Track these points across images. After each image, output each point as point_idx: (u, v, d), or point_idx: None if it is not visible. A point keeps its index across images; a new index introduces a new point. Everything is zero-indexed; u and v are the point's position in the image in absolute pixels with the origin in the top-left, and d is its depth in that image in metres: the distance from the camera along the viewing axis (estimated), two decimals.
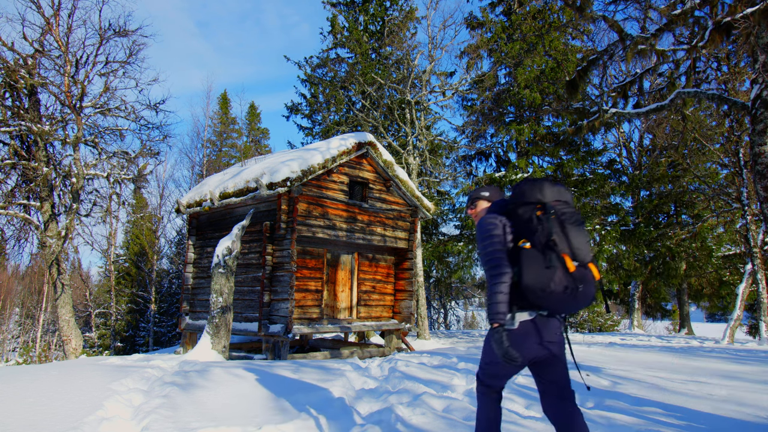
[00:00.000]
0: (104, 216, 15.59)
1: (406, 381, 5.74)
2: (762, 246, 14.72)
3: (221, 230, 11.10)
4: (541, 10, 17.38)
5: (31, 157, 13.45)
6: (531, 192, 2.53)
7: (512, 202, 2.60)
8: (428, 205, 12.15)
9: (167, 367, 6.47)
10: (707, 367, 6.91)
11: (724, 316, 20.74)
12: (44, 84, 13.28)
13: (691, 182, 20.27)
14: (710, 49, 7.07)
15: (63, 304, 13.58)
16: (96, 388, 4.79)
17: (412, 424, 4.06)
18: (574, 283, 2.35)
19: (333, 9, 21.16)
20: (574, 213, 2.51)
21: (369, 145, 10.85)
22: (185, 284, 12.01)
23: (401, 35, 19.01)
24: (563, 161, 17.21)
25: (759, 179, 6.60)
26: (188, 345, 11.68)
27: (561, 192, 2.55)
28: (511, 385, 5.51)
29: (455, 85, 17.94)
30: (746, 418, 4.19)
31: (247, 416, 4.21)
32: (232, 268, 8.52)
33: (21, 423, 3.76)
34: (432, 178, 19.48)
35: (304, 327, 9.75)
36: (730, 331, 14.39)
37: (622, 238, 17.41)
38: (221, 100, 32.73)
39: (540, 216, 2.46)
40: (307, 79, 21.38)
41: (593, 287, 2.42)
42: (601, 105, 8.67)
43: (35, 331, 31.66)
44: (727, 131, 15.68)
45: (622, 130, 23.17)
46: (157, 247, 25.16)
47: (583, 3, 8.11)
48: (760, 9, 6.09)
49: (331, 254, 10.82)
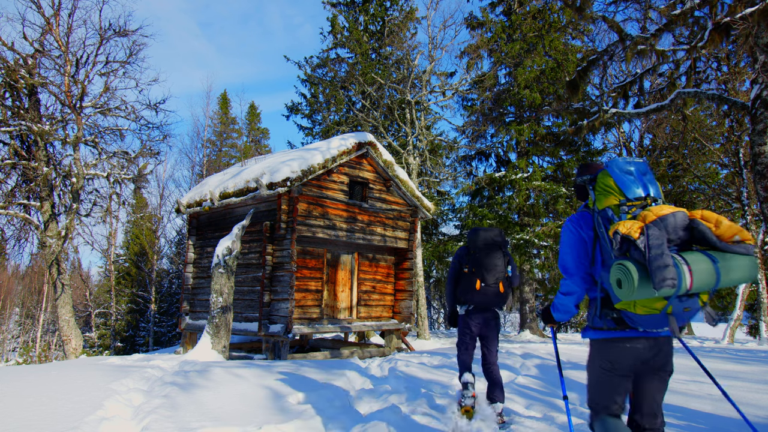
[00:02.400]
0: (104, 216, 15.59)
1: (406, 381, 5.74)
2: (762, 246, 14.72)
3: (221, 230, 11.10)
4: (541, 10, 17.38)
5: (31, 157, 13.45)
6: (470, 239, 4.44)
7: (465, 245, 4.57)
8: (428, 205, 12.15)
9: (167, 367, 6.47)
10: (707, 366, 6.91)
11: (724, 316, 20.78)
12: (44, 84, 13.28)
13: (691, 182, 20.27)
14: (710, 49, 7.07)
15: (63, 304, 13.58)
16: (96, 388, 4.79)
17: (412, 424, 4.06)
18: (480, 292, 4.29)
19: (333, 9, 21.17)
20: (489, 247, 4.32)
21: (369, 145, 10.85)
22: (185, 284, 12.01)
23: (401, 35, 19.01)
24: (563, 161, 17.20)
25: (759, 179, 6.60)
26: (188, 345, 11.68)
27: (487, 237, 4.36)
28: (511, 385, 5.54)
29: (455, 85, 17.95)
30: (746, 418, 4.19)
31: (247, 416, 4.21)
32: (232, 268, 8.52)
33: (21, 423, 3.76)
34: (432, 178, 19.48)
35: (304, 327, 9.75)
36: (730, 331, 14.39)
37: None
38: (221, 100, 32.73)
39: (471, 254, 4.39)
40: (308, 79, 21.39)
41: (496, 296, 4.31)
42: (601, 105, 8.67)
43: (35, 331, 31.67)
44: (727, 131, 15.68)
45: (622, 130, 23.16)
46: (157, 247, 25.17)
47: (583, 3, 8.11)
48: (759, 9, 6.09)
49: (331, 254, 10.82)
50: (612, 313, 2.29)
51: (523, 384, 5.75)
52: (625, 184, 2.30)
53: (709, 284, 2.01)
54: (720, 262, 2.02)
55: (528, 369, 6.54)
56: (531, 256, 16.56)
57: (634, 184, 2.29)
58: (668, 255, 1.96)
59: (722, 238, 2.08)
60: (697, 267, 1.99)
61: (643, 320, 2.15)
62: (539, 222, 16.64)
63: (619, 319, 2.28)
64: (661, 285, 1.92)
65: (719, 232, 2.09)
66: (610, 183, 2.33)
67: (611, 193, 2.32)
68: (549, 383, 5.88)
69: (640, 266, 2.00)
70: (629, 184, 2.29)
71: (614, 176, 2.33)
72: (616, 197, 2.30)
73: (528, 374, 6.30)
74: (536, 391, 5.44)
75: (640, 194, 2.27)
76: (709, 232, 2.09)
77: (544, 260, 16.39)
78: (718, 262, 2.02)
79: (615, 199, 2.31)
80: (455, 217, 21.16)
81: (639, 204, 2.25)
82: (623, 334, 2.28)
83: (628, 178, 2.31)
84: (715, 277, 2.01)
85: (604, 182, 2.36)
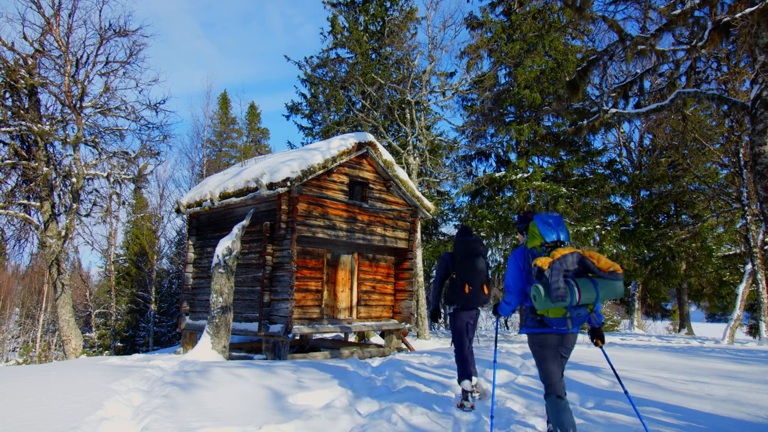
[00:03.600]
0: (104, 216, 15.59)
1: (406, 381, 5.74)
2: (762, 246, 14.72)
3: (221, 230, 11.10)
4: (541, 10, 17.37)
5: (31, 157, 13.45)
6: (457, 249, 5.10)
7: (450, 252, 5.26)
8: (428, 205, 12.15)
9: (167, 367, 6.47)
10: (707, 367, 6.91)
11: (724, 316, 20.79)
12: (44, 84, 13.28)
13: (691, 182, 20.27)
14: (710, 49, 7.07)
15: (63, 304, 13.58)
16: (96, 388, 4.79)
17: (412, 424, 4.07)
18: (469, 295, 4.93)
19: (333, 9, 21.17)
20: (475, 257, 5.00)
21: (369, 145, 10.85)
22: (185, 284, 12.01)
23: (401, 35, 19.01)
24: (563, 161, 17.20)
25: (759, 179, 6.60)
26: (188, 345, 11.68)
27: (469, 246, 5.06)
28: (511, 385, 5.54)
29: (455, 85, 17.94)
30: (746, 418, 4.19)
31: (247, 416, 4.21)
32: (232, 268, 8.52)
33: (21, 423, 3.76)
34: (432, 178, 19.48)
35: (304, 327, 9.75)
36: (730, 331, 14.39)
37: (622, 238, 17.40)
38: (221, 100, 32.72)
39: (458, 262, 5.04)
40: (308, 79, 21.38)
41: (481, 297, 4.97)
42: (601, 105, 8.67)
43: (35, 331, 31.67)
44: (727, 131, 15.68)
45: (622, 130, 23.17)
46: (157, 247, 25.16)
47: (583, 3, 8.10)
48: (759, 9, 6.09)
49: (331, 254, 10.82)
50: (537, 317, 3.36)
51: (523, 384, 5.75)
52: (544, 231, 3.33)
53: (592, 299, 3.13)
54: (599, 284, 3.14)
55: (528, 369, 6.54)
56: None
57: (551, 232, 3.32)
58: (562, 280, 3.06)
59: (601, 269, 3.17)
60: (584, 288, 3.10)
61: (553, 322, 3.25)
62: None
63: (541, 320, 3.35)
64: (554, 299, 3.05)
65: (599, 266, 3.19)
66: (536, 230, 3.36)
67: (536, 237, 3.34)
68: None
69: (543, 287, 3.10)
70: (547, 232, 3.32)
71: (538, 226, 3.36)
72: (539, 240, 3.33)
73: (528, 374, 6.30)
74: (536, 391, 5.44)
75: (554, 238, 3.31)
76: (593, 265, 3.19)
77: None
78: (598, 285, 3.14)
79: (538, 241, 3.34)
80: (455, 217, 21.16)
81: (552, 245, 3.29)
82: (543, 330, 3.38)
83: (547, 228, 3.34)
84: (595, 294, 3.12)
85: (532, 229, 3.39)
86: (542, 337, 3.38)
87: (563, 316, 3.20)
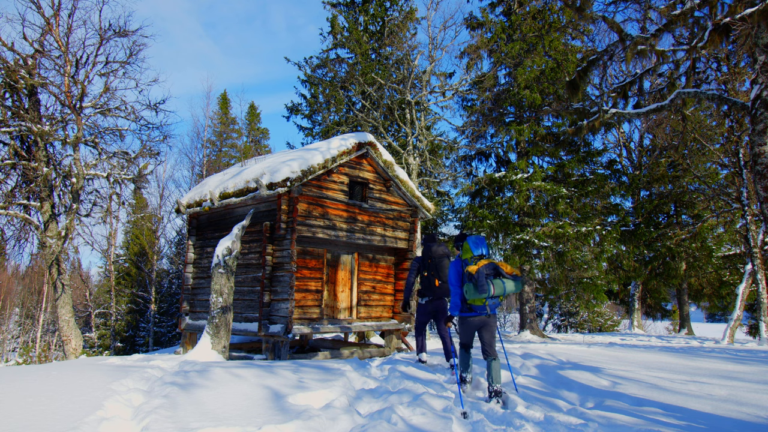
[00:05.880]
0: (104, 216, 15.58)
1: (406, 381, 5.74)
2: (762, 246, 14.72)
3: (221, 230, 11.10)
4: (541, 10, 17.37)
5: (31, 157, 13.45)
6: (427, 253, 6.84)
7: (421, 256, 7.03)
8: (428, 206, 12.15)
9: (167, 367, 6.47)
10: (707, 367, 6.91)
11: (724, 316, 20.73)
12: (44, 84, 13.28)
13: (691, 182, 20.27)
14: (710, 49, 7.07)
15: (63, 304, 13.58)
16: (96, 388, 4.79)
17: (412, 424, 4.07)
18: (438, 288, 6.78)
19: (333, 9, 21.16)
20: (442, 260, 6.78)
21: (369, 145, 10.85)
22: (185, 284, 12.01)
23: (401, 35, 19.00)
24: (563, 161, 17.19)
25: (759, 179, 6.60)
26: (188, 345, 11.68)
27: (440, 251, 6.84)
28: (511, 385, 5.53)
29: (455, 85, 17.94)
30: (746, 418, 4.19)
31: (248, 416, 4.21)
32: (232, 268, 8.52)
33: (21, 423, 3.76)
34: (432, 178, 19.47)
35: (304, 327, 9.75)
36: (730, 331, 14.39)
37: (622, 238, 17.41)
38: (221, 100, 32.71)
39: (428, 263, 6.81)
40: (308, 80, 21.36)
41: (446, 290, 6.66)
42: (601, 105, 8.67)
43: (35, 331, 31.67)
44: (727, 131, 15.68)
45: (622, 130, 23.18)
46: (157, 247, 25.15)
47: (583, 3, 8.11)
48: (759, 9, 6.09)
49: (331, 254, 10.82)
50: (467, 305, 5.11)
51: (523, 384, 5.75)
52: (473, 248, 5.10)
53: (501, 292, 4.90)
54: (506, 282, 4.93)
55: (528, 369, 6.54)
56: (531, 256, 16.56)
57: (477, 249, 5.11)
58: (485, 281, 4.81)
59: (507, 272, 4.99)
60: (496, 284, 4.88)
61: (477, 308, 5.05)
62: (539, 222, 16.62)
63: (470, 307, 5.10)
64: (481, 292, 4.82)
65: (506, 271, 4.99)
66: (467, 247, 5.14)
67: (468, 252, 5.11)
68: (549, 383, 5.88)
69: (473, 285, 4.88)
70: (475, 249, 5.10)
71: (470, 244, 5.12)
72: (470, 254, 5.09)
73: (528, 374, 6.30)
74: (536, 391, 5.44)
75: (480, 253, 5.09)
76: (502, 270, 4.98)
77: (544, 261, 16.38)
78: (505, 283, 4.92)
79: (469, 255, 5.10)
80: (455, 217, 21.15)
81: (477, 258, 5.06)
82: (471, 314, 5.13)
83: (475, 246, 5.11)
84: (503, 289, 4.89)
85: (465, 246, 5.17)
86: (470, 319, 5.13)
87: (483, 304, 4.97)
